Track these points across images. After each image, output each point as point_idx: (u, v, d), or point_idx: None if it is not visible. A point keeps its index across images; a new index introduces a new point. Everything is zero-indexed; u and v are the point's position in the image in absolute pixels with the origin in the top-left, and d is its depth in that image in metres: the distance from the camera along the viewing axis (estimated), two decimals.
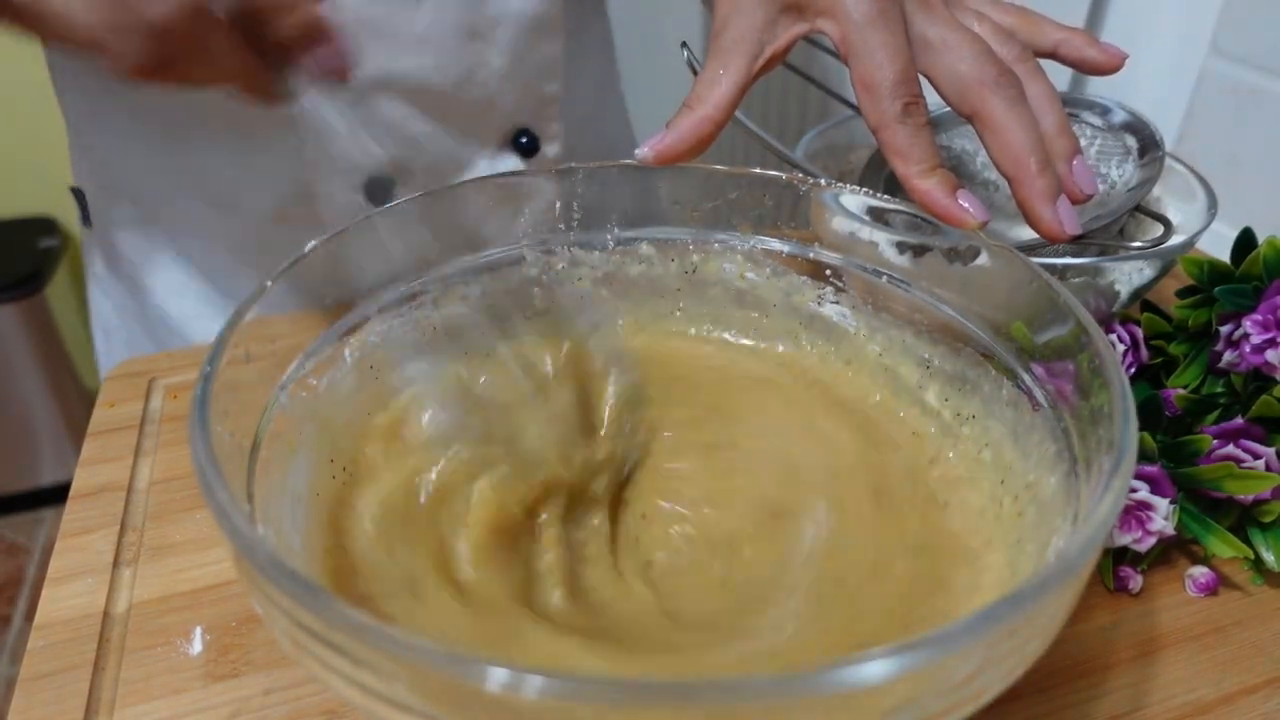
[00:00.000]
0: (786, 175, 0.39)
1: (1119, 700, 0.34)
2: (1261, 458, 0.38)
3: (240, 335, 0.29)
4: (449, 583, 0.30)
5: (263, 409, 0.30)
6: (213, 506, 0.23)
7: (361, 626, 0.20)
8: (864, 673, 0.19)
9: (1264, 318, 0.39)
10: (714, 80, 0.37)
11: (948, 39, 0.37)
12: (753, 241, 0.41)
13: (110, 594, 0.38)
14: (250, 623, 0.37)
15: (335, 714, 0.33)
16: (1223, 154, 0.74)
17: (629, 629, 0.30)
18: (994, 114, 0.36)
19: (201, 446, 0.24)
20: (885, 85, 0.35)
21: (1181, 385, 0.42)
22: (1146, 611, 0.38)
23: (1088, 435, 0.28)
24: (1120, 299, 0.45)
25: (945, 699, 0.21)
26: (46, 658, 0.35)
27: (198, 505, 0.42)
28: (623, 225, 0.41)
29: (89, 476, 0.44)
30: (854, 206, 0.38)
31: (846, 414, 0.38)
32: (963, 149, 0.53)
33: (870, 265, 0.39)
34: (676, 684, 0.19)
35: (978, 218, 0.35)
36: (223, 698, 0.34)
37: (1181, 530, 0.38)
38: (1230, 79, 0.73)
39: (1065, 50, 0.42)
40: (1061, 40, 0.42)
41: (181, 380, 0.51)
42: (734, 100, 0.37)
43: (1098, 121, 0.51)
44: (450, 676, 0.19)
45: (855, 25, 0.36)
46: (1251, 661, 0.36)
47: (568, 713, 0.19)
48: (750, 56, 0.37)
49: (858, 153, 0.57)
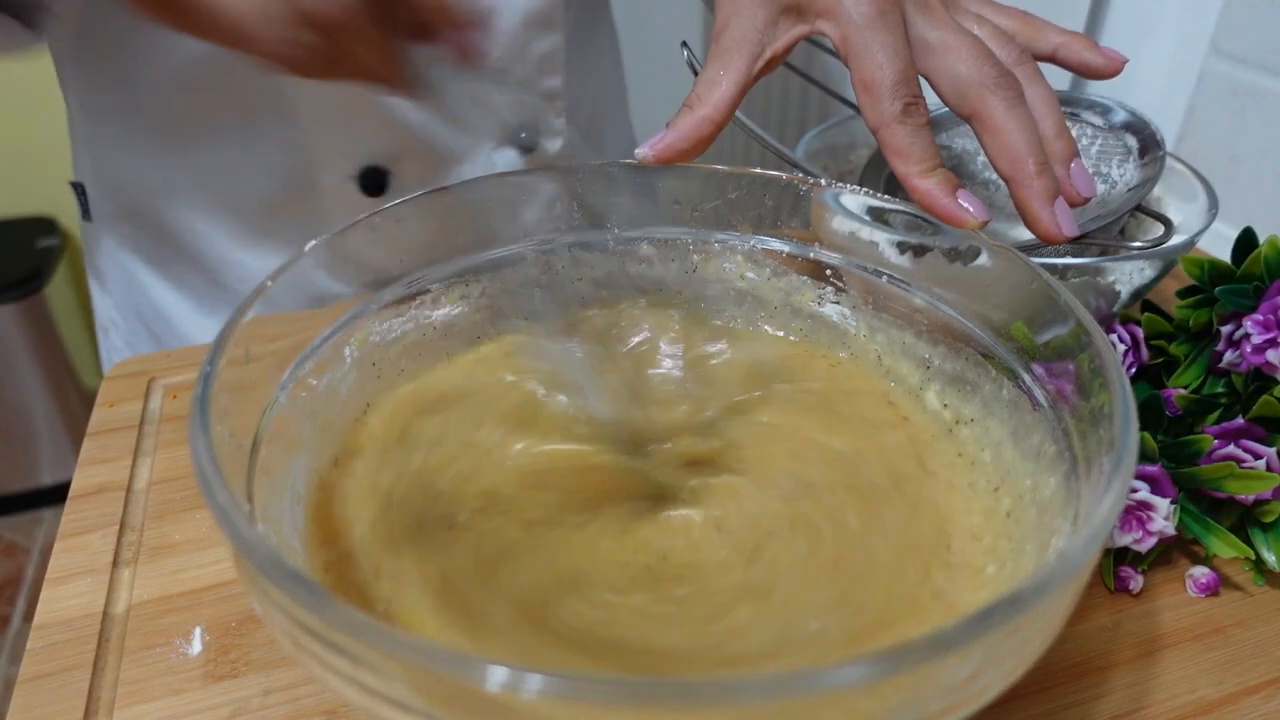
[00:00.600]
0: (786, 175, 0.39)
1: (1120, 700, 0.34)
2: (1262, 458, 0.38)
3: (240, 335, 0.29)
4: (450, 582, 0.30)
5: (263, 409, 0.30)
6: (213, 506, 0.23)
7: (361, 626, 0.20)
8: (864, 672, 0.19)
9: (1265, 318, 0.39)
10: (714, 81, 0.37)
11: (948, 40, 0.37)
12: (753, 241, 0.41)
13: (110, 594, 0.38)
14: (250, 623, 0.37)
15: (335, 714, 0.33)
16: (1223, 154, 0.74)
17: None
18: (993, 115, 0.36)
19: (201, 446, 0.24)
20: (885, 85, 0.35)
21: (1182, 385, 0.42)
22: (1147, 612, 0.38)
23: (1088, 435, 0.28)
24: (1121, 299, 0.45)
25: (945, 699, 0.21)
26: (46, 658, 0.35)
27: (198, 505, 0.42)
28: (623, 225, 0.41)
29: (88, 476, 0.44)
30: (854, 206, 0.38)
31: (845, 414, 0.38)
32: (963, 149, 0.53)
33: (870, 265, 0.39)
34: (676, 684, 0.19)
35: (978, 217, 0.35)
36: (222, 698, 0.34)
37: (1182, 530, 0.38)
38: (1230, 79, 0.73)
39: (1064, 54, 0.43)
40: (1061, 44, 0.43)
41: (181, 380, 0.51)
42: (734, 101, 0.37)
43: (1098, 121, 0.51)
44: (450, 676, 0.19)
45: (855, 26, 0.36)
46: (1253, 662, 0.36)
47: (567, 713, 0.19)
48: (751, 57, 0.38)
49: (858, 153, 0.57)
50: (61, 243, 1.57)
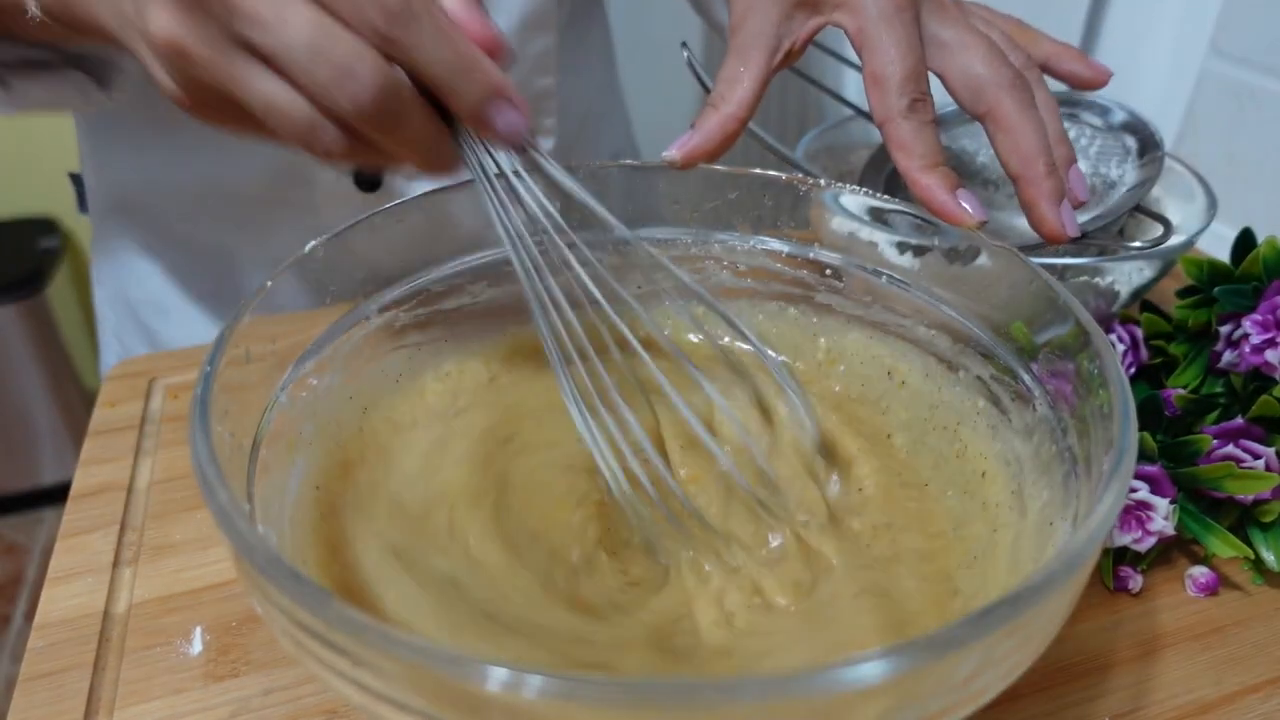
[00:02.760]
0: (786, 175, 0.39)
1: (1119, 700, 0.34)
2: (1261, 458, 0.38)
3: (240, 335, 0.29)
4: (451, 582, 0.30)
5: (263, 409, 0.30)
6: (213, 506, 0.23)
7: (361, 626, 0.20)
8: (864, 673, 0.19)
9: (1264, 318, 0.39)
10: (736, 78, 0.38)
11: (964, 40, 0.38)
12: (753, 241, 0.41)
13: (110, 594, 0.38)
14: (250, 623, 0.37)
15: (335, 714, 0.33)
16: (1222, 154, 0.75)
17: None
18: (1008, 115, 0.37)
19: (201, 447, 0.24)
20: (894, 80, 0.36)
21: (1181, 385, 0.42)
22: (1147, 611, 0.38)
23: (1088, 435, 0.28)
24: (1120, 299, 0.45)
25: (945, 699, 0.21)
26: (46, 658, 0.35)
27: (198, 505, 0.42)
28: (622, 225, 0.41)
29: (89, 476, 0.44)
30: (854, 206, 0.38)
31: (844, 414, 0.38)
32: (962, 149, 0.53)
33: (870, 265, 0.39)
34: (676, 684, 0.19)
35: (976, 217, 0.35)
36: (222, 698, 0.34)
37: (1181, 530, 0.38)
38: (1230, 79, 0.73)
39: (1054, 63, 0.45)
40: (1052, 54, 0.45)
41: (181, 380, 0.51)
42: (757, 96, 0.38)
43: (1098, 121, 0.51)
44: (450, 676, 0.19)
45: (871, 19, 0.37)
46: (1252, 661, 0.36)
47: (567, 713, 0.19)
48: (769, 52, 0.38)
49: (858, 153, 0.57)
50: (62, 243, 1.57)
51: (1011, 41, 0.41)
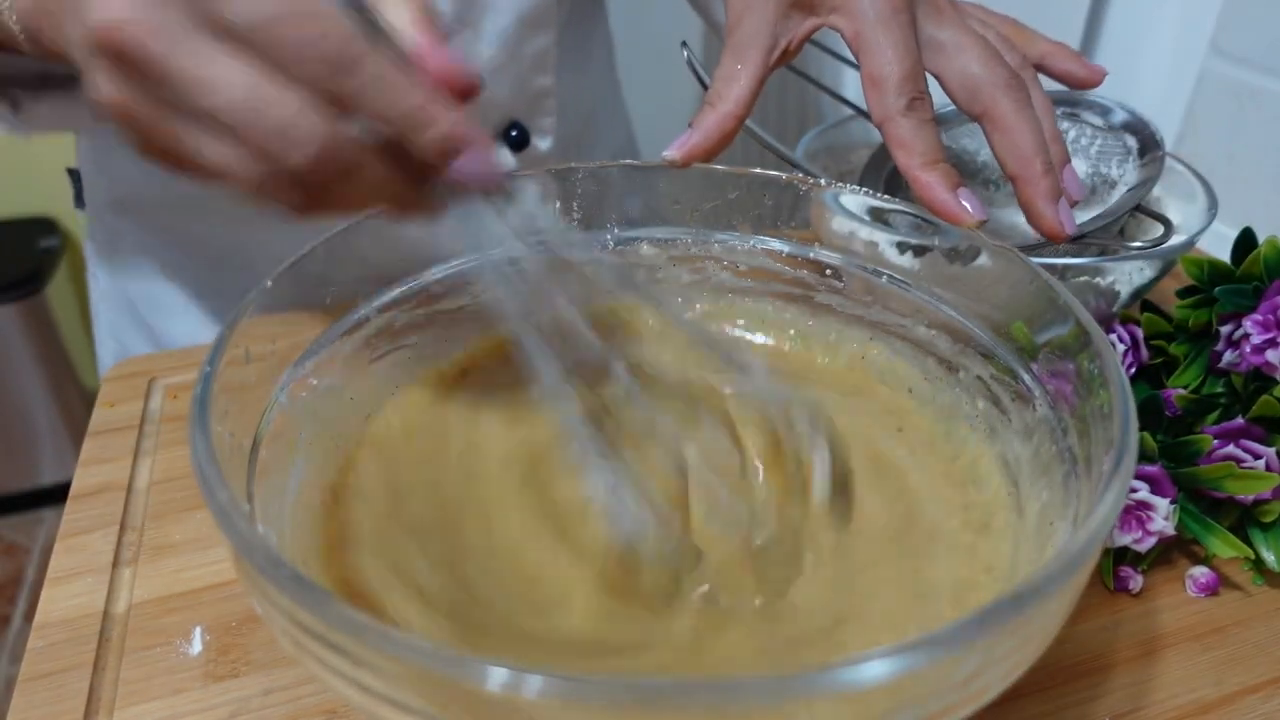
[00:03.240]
0: (786, 175, 0.39)
1: (1119, 700, 0.34)
2: (1262, 458, 0.38)
3: (240, 335, 0.29)
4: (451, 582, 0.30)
5: (263, 409, 0.30)
6: (213, 507, 0.23)
7: (361, 626, 0.20)
8: (864, 673, 0.19)
9: (1264, 318, 0.39)
10: (733, 76, 0.38)
11: (960, 41, 0.38)
12: (753, 241, 0.41)
13: (110, 594, 0.38)
14: (250, 623, 0.37)
15: (335, 714, 0.33)
16: (1223, 154, 0.74)
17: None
18: (1005, 115, 0.37)
19: (201, 447, 0.24)
20: (893, 80, 0.36)
21: (1182, 385, 0.42)
22: (1147, 611, 0.38)
23: (1088, 435, 0.28)
24: (1120, 299, 0.45)
25: (945, 699, 0.21)
26: (46, 658, 0.35)
27: (198, 505, 0.42)
28: (623, 225, 0.41)
29: (89, 476, 0.44)
30: (854, 206, 0.38)
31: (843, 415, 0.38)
32: (961, 149, 0.53)
33: (870, 265, 0.39)
34: (676, 684, 0.19)
35: (976, 216, 0.35)
36: (222, 698, 0.34)
37: (1182, 530, 0.38)
38: (1230, 79, 0.73)
39: (1050, 63, 0.45)
40: (1048, 53, 0.45)
41: (181, 380, 0.51)
42: (753, 95, 0.38)
43: (1098, 121, 0.51)
44: (450, 676, 0.19)
45: (868, 22, 0.37)
46: (1252, 661, 0.36)
47: (567, 713, 0.19)
48: (766, 50, 0.38)
49: (858, 153, 0.57)
50: (62, 243, 1.57)
51: (1007, 41, 0.41)
